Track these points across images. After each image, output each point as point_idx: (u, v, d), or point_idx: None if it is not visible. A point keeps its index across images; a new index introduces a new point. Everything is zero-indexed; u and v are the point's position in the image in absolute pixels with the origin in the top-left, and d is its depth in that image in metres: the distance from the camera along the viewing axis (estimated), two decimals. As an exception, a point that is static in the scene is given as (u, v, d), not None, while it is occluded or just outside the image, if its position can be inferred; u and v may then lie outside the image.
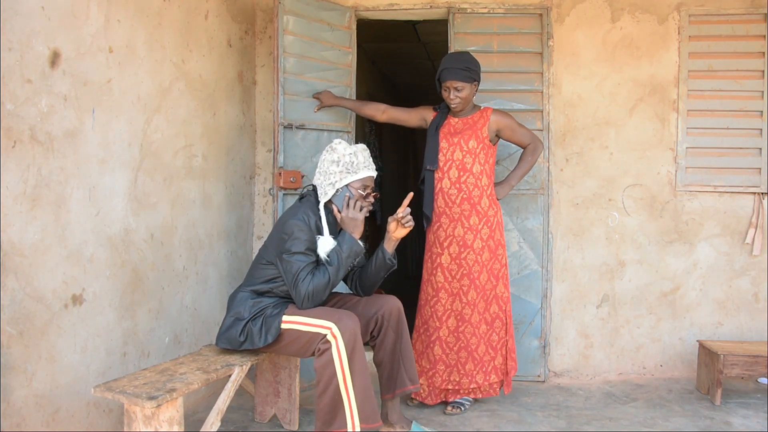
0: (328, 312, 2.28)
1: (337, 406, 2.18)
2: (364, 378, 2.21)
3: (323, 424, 2.21)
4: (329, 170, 2.37)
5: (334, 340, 2.18)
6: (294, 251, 2.27)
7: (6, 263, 1.79)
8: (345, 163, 2.36)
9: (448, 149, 2.89)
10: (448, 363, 2.86)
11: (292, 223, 2.29)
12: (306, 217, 2.31)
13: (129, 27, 2.35)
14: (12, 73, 1.80)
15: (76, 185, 2.07)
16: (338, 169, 2.36)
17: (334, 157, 2.37)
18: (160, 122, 2.57)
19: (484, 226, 2.87)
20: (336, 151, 2.38)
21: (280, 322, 2.29)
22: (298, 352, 2.33)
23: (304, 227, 2.29)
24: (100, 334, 2.21)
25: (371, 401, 2.23)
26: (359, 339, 2.22)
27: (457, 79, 2.80)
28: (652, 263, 3.44)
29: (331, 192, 2.38)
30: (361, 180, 2.38)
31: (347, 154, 2.37)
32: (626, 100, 3.43)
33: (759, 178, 3.37)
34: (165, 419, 1.93)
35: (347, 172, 2.36)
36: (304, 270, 2.26)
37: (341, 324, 2.20)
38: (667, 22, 3.40)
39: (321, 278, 2.26)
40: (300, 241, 2.27)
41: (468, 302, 2.84)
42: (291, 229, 2.29)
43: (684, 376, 3.41)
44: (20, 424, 1.85)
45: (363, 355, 2.23)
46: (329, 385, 2.18)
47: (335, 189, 2.37)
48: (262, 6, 3.57)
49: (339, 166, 2.36)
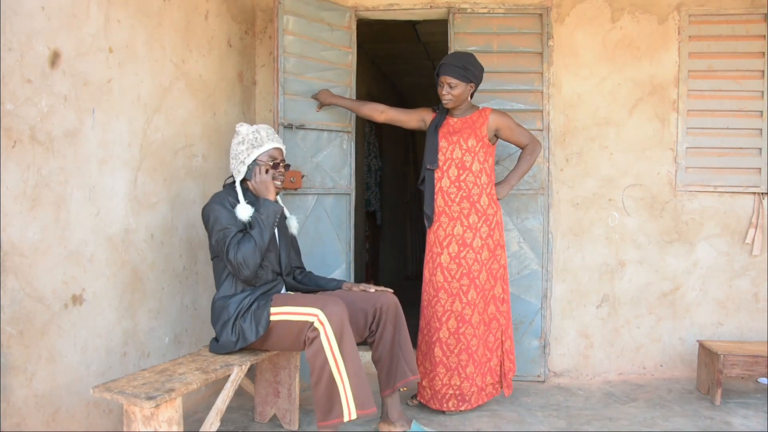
0: (314, 299, 2.30)
1: (333, 394, 2.19)
2: (355, 362, 2.22)
3: (323, 414, 2.22)
4: (237, 150, 2.47)
5: (322, 327, 2.19)
6: (218, 229, 2.36)
7: (6, 263, 1.79)
8: (249, 140, 2.45)
9: (448, 148, 2.89)
10: (449, 366, 2.85)
11: (206, 209, 2.40)
12: (219, 199, 2.40)
13: (129, 27, 2.35)
14: (12, 73, 1.80)
15: (76, 185, 2.07)
16: (244, 147, 2.45)
17: (239, 139, 2.47)
18: (160, 122, 2.58)
19: (483, 224, 2.87)
20: (239, 133, 2.48)
21: (269, 313, 2.31)
22: (292, 345, 2.34)
23: (217, 206, 2.37)
24: (100, 334, 2.21)
25: (365, 386, 2.23)
26: (347, 324, 2.23)
27: (452, 75, 2.80)
28: (652, 263, 3.44)
29: (243, 170, 2.46)
30: (266, 152, 2.47)
31: (250, 132, 2.47)
32: (626, 100, 3.43)
33: (759, 178, 3.37)
34: (164, 419, 1.93)
35: (253, 147, 2.45)
36: (232, 241, 2.33)
37: (327, 309, 2.21)
38: (667, 22, 3.40)
39: (247, 243, 2.32)
40: (218, 219, 2.36)
41: (468, 302, 2.83)
42: (207, 213, 2.39)
43: (684, 376, 3.41)
44: (20, 424, 1.85)
45: (352, 339, 2.24)
46: (323, 373, 2.19)
47: (246, 166, 2.45)
48: (262, 6, 3.57)
49: (245, 145, 2.45)
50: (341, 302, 2.27)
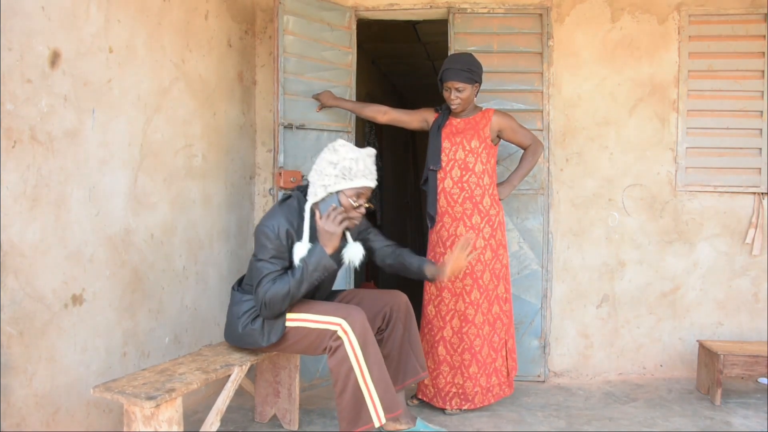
0: (336, 307, 2.26)
1: (360, 403, 2.16)
2: (380, 368, 2.19)
3: (348, 424, 2.17)
4: (325, 171, 2.25)
5: (345, 336, 2.16)
6: (260, 258, 2.23)
7: (6, 263, 1.79)
8: (343, 168, 2.22)
9: (451, 149, 2.90)
10: (452, 365, 2.86)
11: (260, 230, 2.25)
12: (277, 225, 2.22)
13: (129, 27, 2.35)
14: (12, 73, 1.80)
15: (76, 185, 2.07)
16: (334, 172, 2.23)
17: (333, 159, 2.24)
18: (160, 122, 2.58)
19: (486, 225, 2.87)
20: (337, 153, 2.24)
21: (284, 320, 2.28)
22: (306, 350, 2.31)
23: (271, 235, 2.21)
24: (100, 334, 2.22)
25: (390, 390, 2.22)
26: (370, 331, 2.20)
27: (458, 80, 2.81)
28: (652, 263, 3.44)
29: (321, 194, 2.26)
30: (355, 189, 2.25)
31: (348, 159, 2.23)
32: (626, 100, 3.43)
33: (759, 178, 3.37)
34: (164, 419, 1.93)
35: (343, 178, 2.22)
36: (267, 277, 2.19)
37: (350, 318, 2.18)
38: (667, 22, 3.40)
39: (280, 288, 2.17)
40: (265, 248, 2.21)
41: (471, 302, 2.84)
42: (258, 235, 2.25)
43: (684, 376, 3.41)
44: (20, 424, 1.85)
45: (376, 346, 2.21)
46: (348, 382, 2.15)
47: (326, 192, 2.25)
48: (262, 6, 3.57)
49: (336, 169, 2.23)
50: (361, 310, 2.25)
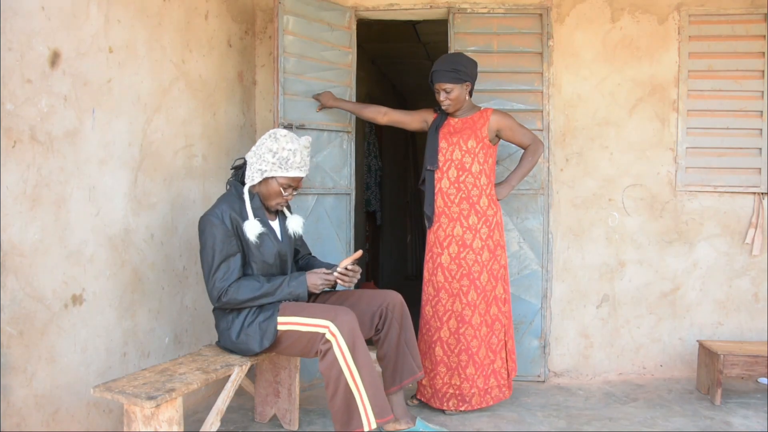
0: (324, 309, 2.27)
1: (351, 405, 2.18)
2: (370, 371, 2.20)
3: (341, 426, 2.20)
4: (264, 156, 2.36)
5: (334, 339, 2.17)
6: (209, 248, 2.29)
7: (6, 263, 1.79)
8: (281, 157, 2.35)
9: (448, 149, 2.89)
10: (449, 365, 2.86)
11: (204, 219, 2.32)
12: (220, 212, 2.31)
13: (129, 27, 2.35)
14: (12, 73, 1.80)
15: (76, 185, 2.07)
16: (272, 160, 2.35)
17: (273, 147, 2.36)
18: (160, 122, 2.58)
19: (483, 225, 2.87)
20: (278, 142, 2.36)
21: (276, 324, 2.29)
22: (301, 353, 2.33)
23: (216, 221, 2.29)
24: (100, 334, 2.22)
25: (381, 394, 2.23)
26: (359, 333, 2.22)
27: (445, 81, 2.81)
28: (652, 263, 3.44)
29: (258, 178, 2.39)
30: (288, 178, 2.40)
31: (287, 149, 2.36)
32: (626, 100, 3.43)
33: (759, 178, 3.37)
34: (164, 419, 1.93)
35: (279, 167, 2.36)
36: (229, 277, 2.28)
37: (338, 321, 2.19)
38: (667, 22, 3.40)
39: (244, 293, 2.29)
40: (212, 236, 2.28)
41: (468, 303, 2.83)
42: (204, 225, 2.31)
43: (684, 376, 3.41)
44: (20, 424, 1.85)
45: (365, 348, 2.22)
46: (338, 385, 2.17)
47: (262, 177, 2.38)
48: (262, 6, 3.57)
49: (274, 158, 2.35)
50: (351, 312, 2.26)
